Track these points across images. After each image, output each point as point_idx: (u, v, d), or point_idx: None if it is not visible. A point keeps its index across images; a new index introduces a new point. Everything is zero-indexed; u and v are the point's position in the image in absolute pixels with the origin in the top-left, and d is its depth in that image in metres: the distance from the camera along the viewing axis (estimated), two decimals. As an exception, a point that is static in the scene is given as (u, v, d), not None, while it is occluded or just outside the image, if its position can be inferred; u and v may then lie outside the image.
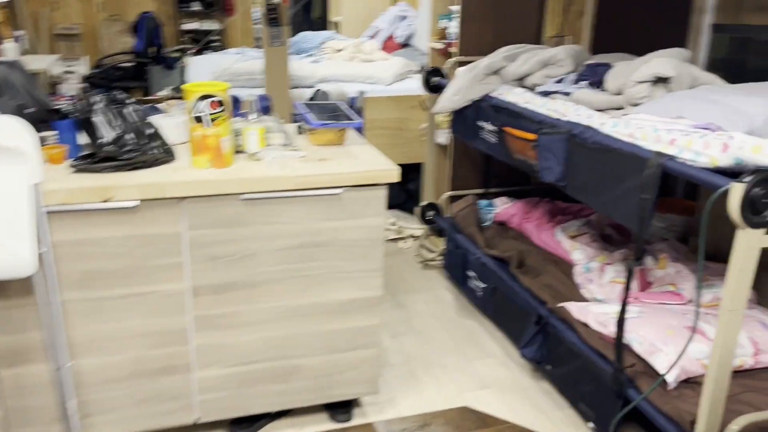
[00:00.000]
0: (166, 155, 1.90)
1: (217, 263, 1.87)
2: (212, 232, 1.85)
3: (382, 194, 1.97)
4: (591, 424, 2.14)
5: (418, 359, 2.60)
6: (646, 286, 2.43)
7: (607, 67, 2.32)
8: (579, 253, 2.77)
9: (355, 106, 3.64)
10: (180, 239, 1.83)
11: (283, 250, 1.92)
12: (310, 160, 2.00)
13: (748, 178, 1.42)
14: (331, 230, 1.95)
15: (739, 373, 2.00)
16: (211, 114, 1.83)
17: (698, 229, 2.94)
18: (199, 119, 1.83)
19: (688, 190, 3.09)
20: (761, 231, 1.46)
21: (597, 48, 3.40)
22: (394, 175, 1.95)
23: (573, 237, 2.89)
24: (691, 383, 1.93)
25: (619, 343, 1.87)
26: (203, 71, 4.19)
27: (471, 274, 2.90)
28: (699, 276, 1.76)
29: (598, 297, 2.46)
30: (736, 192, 1.42)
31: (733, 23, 3.19)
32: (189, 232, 1.83)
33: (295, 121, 2.41)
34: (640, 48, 3.56)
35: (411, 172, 3.82)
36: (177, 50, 6.27)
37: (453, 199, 3.40)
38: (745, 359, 2.00)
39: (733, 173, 1.62)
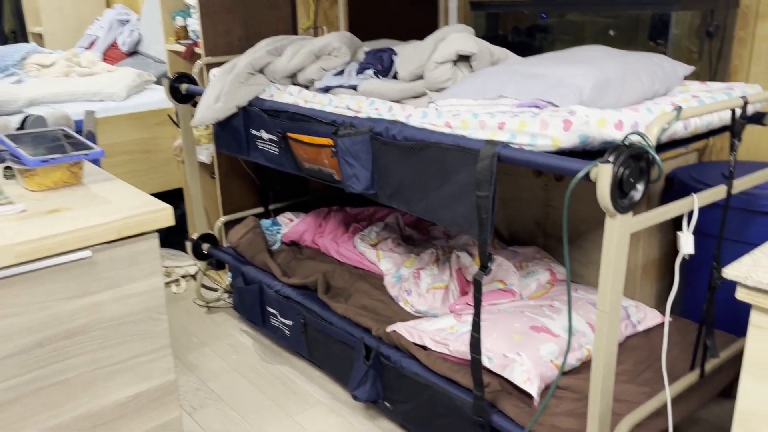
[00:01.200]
0: None
1: None
2: None
3: (154, 245, 1.42)
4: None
5: (229, 434, 2.08)
6: (467, 285, 2.22)
7: (391, 52, 2.03)
8: (386, 262, 2.48)
9: (84, 130, 2.91)
10: None
11: (13, 357, 1.28)
12: (35, 214, 1.38)
13: (611, 157, 1.21)
14: (87, 310, 1.35)
15: (587, 364, 1.87)
16: None
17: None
18: None
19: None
20: (630, 215, 1.27)
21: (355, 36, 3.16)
22: (167, 216, 1.42)
23: (374, 245, 2.60)
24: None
25: (477, 368, 1.59)
26: None
27: (271, 310, 2.44)
28: (566, 268, 1.54)
29: (420, 309, 2.19)
30: (604, 174, 1.20)
31: (488, 1, 3.18)
32: None
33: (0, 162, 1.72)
34: (396, 33, 3.40)
35: (171, 200, 3.20)
36: None
37: (229, 224, 2.90)
38: (591, 347, 1.88)
39: (574, 152, 1.43)
